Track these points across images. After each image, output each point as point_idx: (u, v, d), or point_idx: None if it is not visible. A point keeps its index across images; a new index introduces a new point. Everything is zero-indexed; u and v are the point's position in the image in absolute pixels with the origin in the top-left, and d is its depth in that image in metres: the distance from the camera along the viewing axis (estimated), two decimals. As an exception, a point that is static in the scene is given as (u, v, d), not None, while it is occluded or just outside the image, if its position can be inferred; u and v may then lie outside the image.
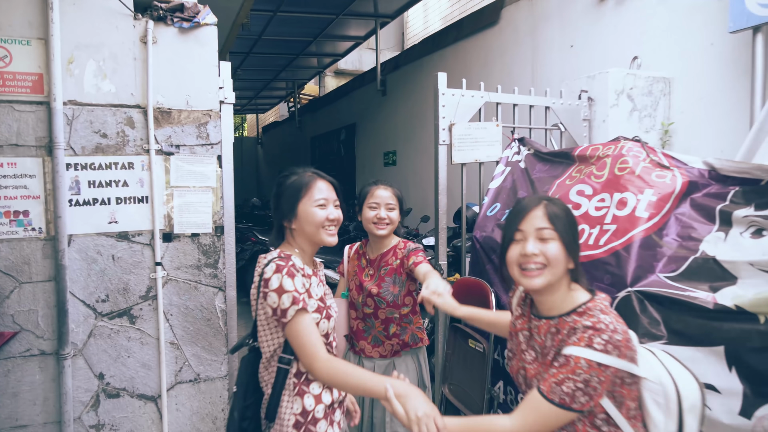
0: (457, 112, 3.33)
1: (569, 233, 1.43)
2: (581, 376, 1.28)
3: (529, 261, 1.40)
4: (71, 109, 2.51)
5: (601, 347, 1.28)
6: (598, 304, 1.39)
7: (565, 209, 1.47)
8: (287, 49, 9.84)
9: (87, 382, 2.59)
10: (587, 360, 1.28)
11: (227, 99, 2.94)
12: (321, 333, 1.60)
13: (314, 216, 1.64)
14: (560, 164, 2.97)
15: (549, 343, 1.43)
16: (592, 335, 1.29)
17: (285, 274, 1.52)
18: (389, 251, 2.48)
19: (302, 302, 1.52)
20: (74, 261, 2.53)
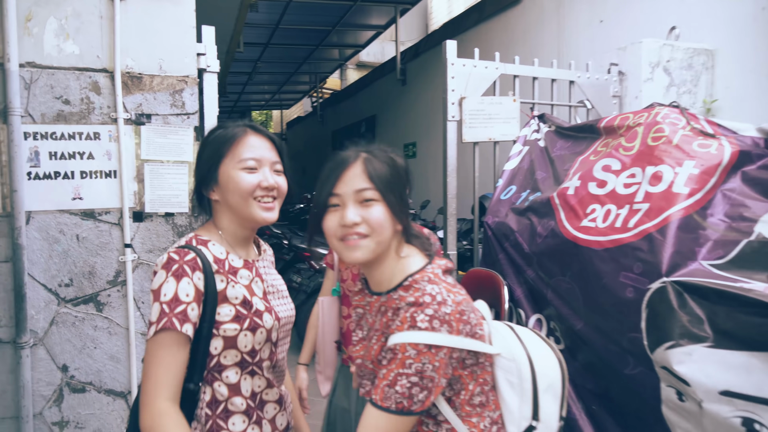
0: (468, 84, 2.99)
1: (395, 190, 1.17)
2: (413, 367, 1.03)
3: (350, 231, 1.14)
4: (29, 72, 2.26)
5: (425, 325, 1.04)
6: (427, 272, 1.14)
7: (387, 160, 1.19)
8: (306, 40, 9.60)
9: (49, 375, 2.34)
10: (413, 345, 1.03)
11: (210, 67, 2.66)
12: (244, 349, 1.21)
13: (239, 181, 1.23)
14: (584, 139, 2.60)
15: (377, 325, 1.19)
16: (415, 313, 1.05)
17: (171, 274, 1.13)
18: None
19: (167, 321, 1.10)
20: (34, 240, 2.29)
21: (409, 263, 1.18)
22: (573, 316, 2.21)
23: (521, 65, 3.11)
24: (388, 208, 1.15)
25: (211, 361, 1.18)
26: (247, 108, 17.16)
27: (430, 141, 7.26)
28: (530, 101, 3.13)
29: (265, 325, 1.23)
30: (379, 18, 8.79)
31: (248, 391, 1.23)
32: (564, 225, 2.27)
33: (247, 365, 1.22)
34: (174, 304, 1.11)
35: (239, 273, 1.26)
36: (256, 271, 1.31)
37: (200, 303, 1.15)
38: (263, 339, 1.23)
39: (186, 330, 1.11)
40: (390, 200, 1.15)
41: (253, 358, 1.23)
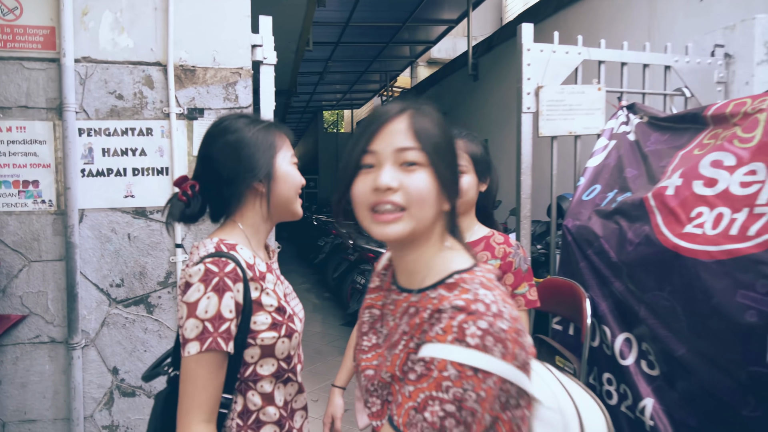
0: (546, 71, 2.67)
1: (446, 158, 0.90)
2: (450, 392, 0.76)
3: (383, 199, 0.87)
4: (84, 67, 2.22)
5: (476, 341, 0.76)
6: (479, 275, 0.87)
7: (440, 121, 0.92)
8: (377, 38, 9.47)
9: (100, 377, 2.29)
10: (456, 365, 0.76)
11: (267, 59, 2.52)
12: (281, 356, 1.15)
13: (296, 176, 1.23)
14: (686, 130, 2.22)
15: (403, 328, 0.91)
16: (464, 323, 0.78)
17: (212, 289, 1.03)
18: (477, 242, 1.73)
19: (212, 341, 1.02)
20: (86, 239, 2.24)
21: (454, 257, 0.92)
22: (673, 339, 1.87)
23: (608, 49, 2.75)
24: (437, 178, 0.88)
25: (246, 370, 1.12)
26: (319, 108, 17.37)
27: (503, 137, 6.89)
28: (618, 90, 2.76)
29: (298, 329, 1.19)
30: (451, 12, 8.49)
31: (281, 400, 1.17)
32: (662, 231, 1.93)
33: (282, 373, 1.17)
34: (218, 322, 1.03)
35: (266, 278, 1.17)
36: (276, 274, 1.25)
37: (239, 317, 1.08)
38: (297, 344, 1.19)
39: (230, 348, 1.05)
40: (439, 168, 0.88)
41: (289, 364, 1.18)
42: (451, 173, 0.91)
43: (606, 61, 2.76)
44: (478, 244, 1.72)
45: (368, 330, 1.06)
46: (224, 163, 1.15)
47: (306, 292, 7.92)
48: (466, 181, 1.63)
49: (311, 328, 5.98)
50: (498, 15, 11.44)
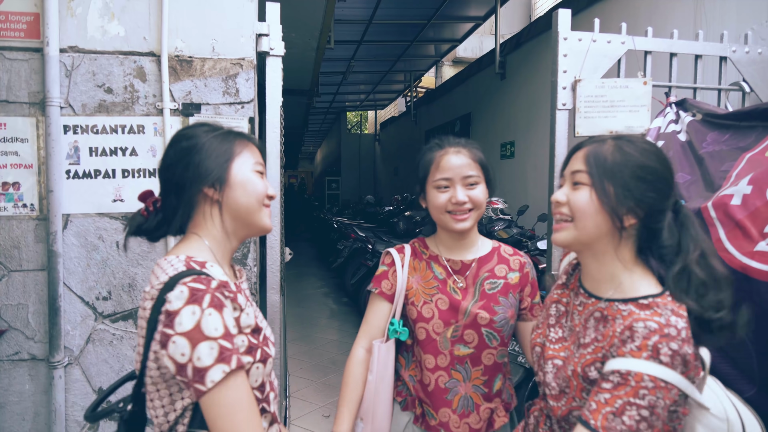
0: (585, 63, 2.38)
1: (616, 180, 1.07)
2: (646, 399, 0.94)
3: (556, 210, 1.15)
4: (70, 57, 2.02)
5: (668, 359, 0.95)
6: (669, 301, 1.03)
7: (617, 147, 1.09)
8: (401, 36, 9.23)
9: (84, 398, 2.08)
10: (652, 377, 0.94)
11: (274, 50, 2.29)
12: (254, 384, 1.04)
13: (257, 184, 1.13)
14: (752, 129, 1.91)
15: (592, 333, 1.10)
16: (659, 343, 0.95)
17: (208, 306, 0.93)
18: (490, 255, 1.59)
19: (237, 359, 0.93)
20: (71, 247, 2.04)
21: (644, 281, 1.09)
22: (739, 376, 1.57)
23: (655, 38, 2.44)
24: (599, 196, 1.07)
25: None
26: (342, 109, 17.20)
27: (531, 139, 6.55)
28: (666, 84, 2.45)
29: (272, 353, 1.11)
30: (478, 9, 8.18)
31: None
32: (725, 247, 1.63)
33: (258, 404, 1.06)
34: (231, 338, 0.95)
35: (238, 298, 1.05)
36: (245, 294, 1.14)
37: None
38: (270, 370, 1.11)
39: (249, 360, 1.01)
40: (603, 188, 1.07)
41: (263, 392, 1.08)
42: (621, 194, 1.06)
43: (653, 52, 2.45)
44: (491, 258, 1.59)
45: (555, 323, 1.23)
46: (174, 170, 1.08)
47: (324, 297, 7.71)
48: (480, 192, 1.51)
49: (327, 335, 5.75)
50: (527, 12, 11.07)
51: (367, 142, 17.91)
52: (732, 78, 2.57)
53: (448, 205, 1.48)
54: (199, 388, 0.90)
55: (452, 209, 1.48)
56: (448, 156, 1.50)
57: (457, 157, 1.49)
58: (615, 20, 4.73)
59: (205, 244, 1.09)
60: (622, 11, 4.83)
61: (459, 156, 1.50)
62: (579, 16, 5.44)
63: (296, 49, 6.12)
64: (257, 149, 1.18)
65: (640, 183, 1.07)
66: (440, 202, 1.49)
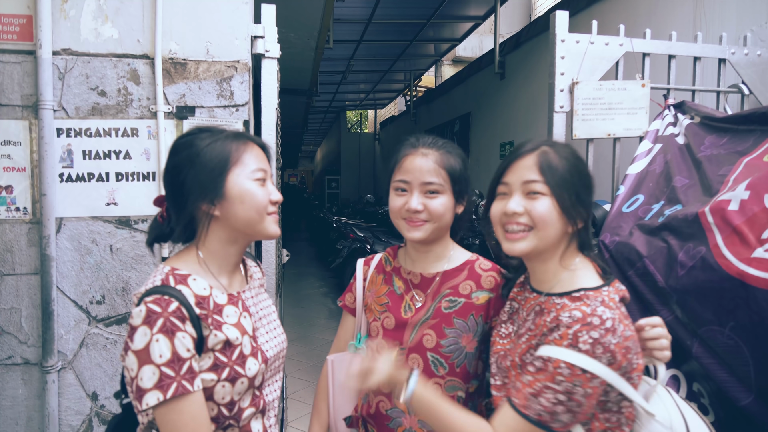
0: (582, 66, 2.36)
1: (569, 188, 1.12)
2: (562, 385, 0.98)
3: (511, 221, 1.15)
4: (63, 60, 2.00)
5: (587, 347, 0.98)
6: (603, 294, 1.08)
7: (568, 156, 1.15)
8: (400, 35, 9.20)
9: (78, 403, 2.07)
10: (568, 364, 0.98)
11: (269, 52, 2.27)
12: (221, 401, 1.04)
13: (256, 194, 1.09)
14: (750, 133, 1.89)
15: (529, 324, 1.15)
16: (579, 331, 0.99)
17: (160, 331, 0.95)
18: (458, 270, 1.40)
19: (176, 387, 0.94)
20: (64, 251, 2.03)
21: (584, 276, 1.14)
22: (736, 384, 1.57)
23: (653, 40, 2.42)
24: (558, 204, 1.11)
25: None
26: (342, 108, 17.17)
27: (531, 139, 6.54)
28: (664, 86, 2.43)
29: (247, 373, 1.07)
30: (478, 8, 8.16)
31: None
32: (722, 253, 1.61)
33: (223, 421, 1.06)
34: (177, 364, 0.95)
35: (224, 311, 1.08)
36: (242, 305, 1.14)
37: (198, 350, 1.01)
38: (244, 389, 1.07)
39: (198, 386, 0.98)
40: (561, 197, 1.11)
41: (231, 410, 1.07)
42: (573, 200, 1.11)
43: (651, 54, 2.43)
44: (459, 272, 1.39)
45: (507, 319, 1.26)
46: (172, 183, 1.09)
47: (323, 297, 7.70)
48: (439, 203, 1.32)
49: (325, 336, 5.74)
50: (527, 11, 11.05)
51: (366, 142, 17.89)
52: (731, 80, 2.55)
53: (402, 211, 1.34)
54: (137, 406, 0.95)
55: (406, 216, 1.34)
56: (413, 157, 1.33)
57: (422, 160, 1.32)
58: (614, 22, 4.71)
59: (199, 256, 1.10)
60: (621, 13, 4.82)
61: (425, 159, 1.32)
62: (577, 17, 5.42)
63: (295, 49, 6.10)
64: (260, 150, 1.15)
65: (587, 189, 1.16)
66: (395, 206, 1.35)
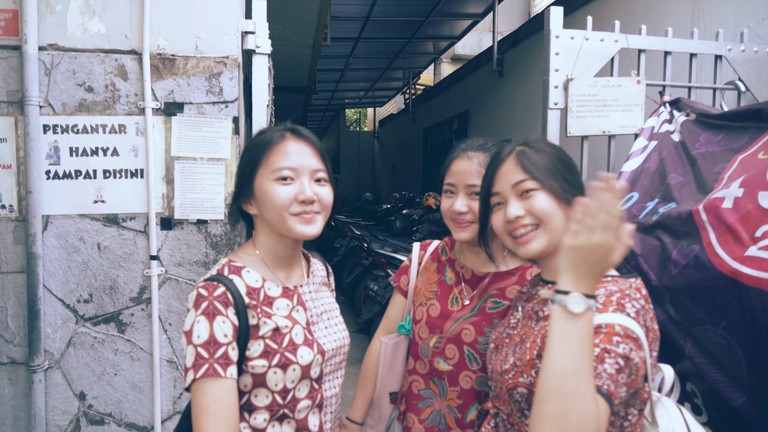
0: (577, 62, 2.34)
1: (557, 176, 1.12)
2: (620, 347, 0.92)
3: (516, 226, 1.13)
4: (50, 56, 1.97)
5: (633, 314, 0.96)
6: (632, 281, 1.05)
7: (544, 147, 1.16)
8: (399, 33, 9.17)
9: (65, 403, 2.05)
10: (622, 326, 0.93)
11: (260, 48, 2.25)
12: (275, 388, 1.09)
13: (273, 195, 1.11)
14: (745, 130, 1.86)
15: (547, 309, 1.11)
16: (622, 298, 0.98)
17: (202, 313, 1.02)
18: (510, 273, 1.43)
19: (207, 368, 1.00)
20: (51, 249, 2.00)
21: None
22: (728, 384, 1.55)
23: (649, 36, 2.40)
24: (552, 194, 1.10)
25: (241, 398, 1.09)
26: (341, 106, 17.14)
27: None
28: (660, 83, 2.41)
29: (299, 361, 1.11)
30: (476, 6, 8.12)
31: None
32: (716, 252, 1.59)
33: (277, 409, 1.11)
34: (212, 347, 1.01)
35: (275, 303, 1.14)
36: (298, 299, 1.19)
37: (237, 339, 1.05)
38: (297, 377, 1.11)
39: (231, 374, 1.02)
40: (552, 187, 1.11)
41: (285, 398, 1.11)
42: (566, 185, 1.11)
43: (647, 50, 2.41)
44: (511, 276, 1.42)
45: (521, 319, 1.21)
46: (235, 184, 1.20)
47: (321, 296, 7.67)
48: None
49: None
50: (526, 9, 11.01)
51: (366, 140, 17.87)
52: (727, 77, 2.53)
53: (450, 213, 1.41)
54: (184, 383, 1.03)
55: (453, 217, 1.40)
56: (460, 161, 1.40)
57: (467, 163, 1.38)
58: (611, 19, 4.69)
59: (255, 251, 1.17)
60: (618, 9, 4.79)
61: (469, 162, 1.38)
62: (575, 14, 5.40)
63: (292, 46, 6.07)
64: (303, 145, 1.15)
65: (572, 172, 1.15)
66: (444, 207, 1.44)
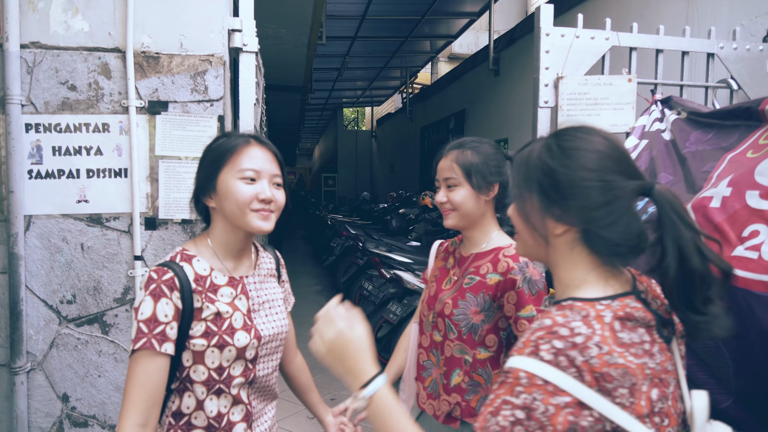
0: (567, 60, 2.31)
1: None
2: (520, 398, 0.81)
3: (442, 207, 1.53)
4: (32, 54, 1.95)
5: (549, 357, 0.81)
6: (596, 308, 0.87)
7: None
8: (395, 31, 9.14)
9: (48, 405, 2.03)
10: (528, 373, 0.81)
11: (247, 45, 2.22)
12: (211, 365, 1.19)
13: (237, 191, 1.21)
14: (735, 128, 1.84)
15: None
16: (542, 338, 0.83)
17: (149, 293, 1.13)
18: (488, 254, 1.56)
19: (144, 341, 1.11)
20: (33, 249, 1.98)
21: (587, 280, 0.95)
22: (716, 386, 1.51)
23: (640, 34, 2.37)
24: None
25: (182, 372, 1.19)
26: (339, 105, 17.11)
27: (524, 137, 6.49)
28: (651, 81, 2.38)
29: (235, 343, 1.21)
30: (473, 4, 8.09)
31: (213, 411, 1.21)
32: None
33: (213, 384, 1.20)
34: (152, 324, 1.12)
35: (220, 291, 1.23)
36: (242, 288, 1.28)
37: (179, 320, 1.15)
38: (233, 356, 1.21)
39: (165, 349, 1.12)
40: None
41: (221, 375, 1.21)
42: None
43: (638, 48, 2.38)
44: (487, 255, 1.58)
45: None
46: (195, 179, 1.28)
47: (316, 295, 7.65)
48: (457, 194, 1.56)
49: (317, 335, 5.69)
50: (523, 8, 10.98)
51: (363, 139, 17.84)
52: (720, 75, 2.50)
53: (437, 204, 1.62)
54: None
55: (440, 207, 1.62)
56: (441, 159, 1.62)
57: (443, 161, 1.60)
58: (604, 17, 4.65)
59: (208, 242, 1.26)
60: (613, 8, 4.76)
61: (445, 159, 1.59)
62: (569, 13, 5.37)
63: (287, 45, 6.04)
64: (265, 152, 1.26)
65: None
66: (435, 199, 1.65)
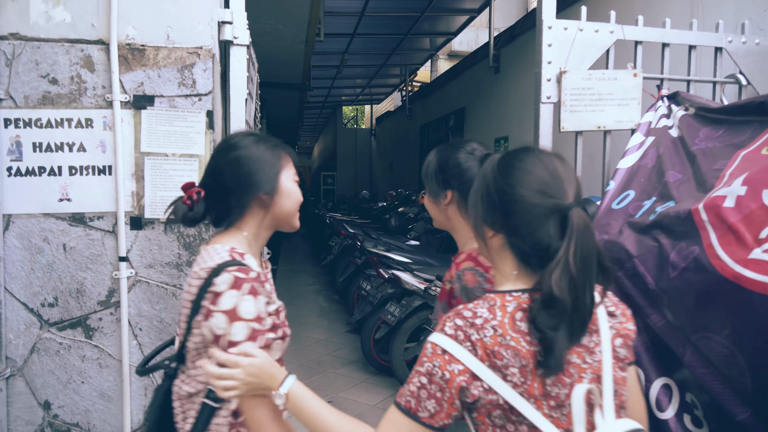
0: (571, 54, 2.23)
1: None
2: (425, 366, 0.95)
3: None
4: (11, 45, 1.86)
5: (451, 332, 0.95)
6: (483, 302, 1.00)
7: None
8: (395, 28, 9.05)
9: (28, 412, 1.94)
10: (432, 344, 0.96)
11: (238, 38, 2.14)
12: (275, 357, 1.22)
13: (296, 193, 1.33)
14: (747, 124, 1.76)
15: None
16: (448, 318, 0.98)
17: (246, 293, 1.12)
18: (456, 258, 1.53)
19: (262, 339, 1.12)
20: (13, 250, 1.89)
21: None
22: (732, 397, 1.44)
23: (646, 27, 2.29)
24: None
25: None
26: (338, 103, 17.01)
27: (524, 135, 6.41)
28: (657, 76, 2.30)
29: (289, 332, 1.29)
30: (473, 1, 8.01)
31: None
32: (717, 254, 1.49)
33: None
34: (261, 321, 1.13)
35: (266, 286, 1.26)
36: (270, 281, 1.35)
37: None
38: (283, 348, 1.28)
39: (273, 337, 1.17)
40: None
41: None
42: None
43: (644, 42, 2.30)
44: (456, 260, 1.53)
45: None
46: (232, 176, 1.24)
47: (315, 294, 7.58)
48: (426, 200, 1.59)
49: (314, 335, 5.62)
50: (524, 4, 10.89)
51: (363, 137, 17.75)
52: (728, 70, 2.42)
53: None
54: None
55: None
56: None
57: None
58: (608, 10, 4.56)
59: (244, 236, 1.26)
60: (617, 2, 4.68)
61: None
62: (573, 7, 5.29)
63: (284, 41, 5.95)
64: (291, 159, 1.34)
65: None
66: None
